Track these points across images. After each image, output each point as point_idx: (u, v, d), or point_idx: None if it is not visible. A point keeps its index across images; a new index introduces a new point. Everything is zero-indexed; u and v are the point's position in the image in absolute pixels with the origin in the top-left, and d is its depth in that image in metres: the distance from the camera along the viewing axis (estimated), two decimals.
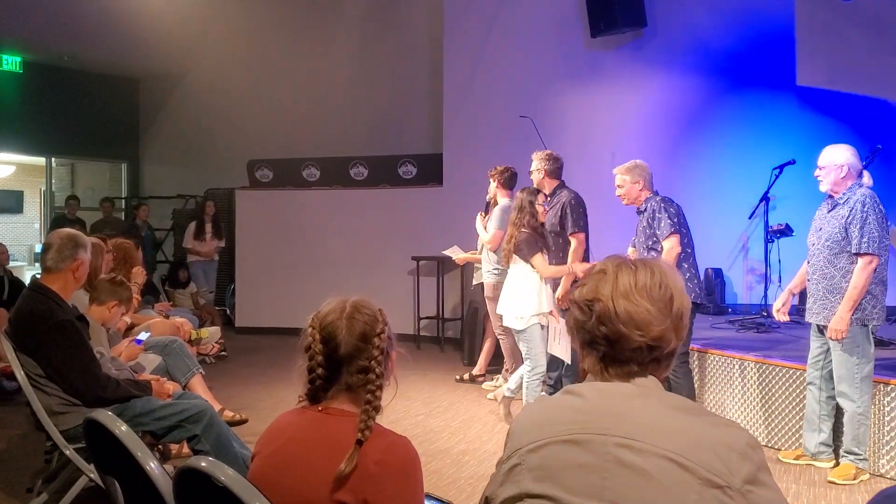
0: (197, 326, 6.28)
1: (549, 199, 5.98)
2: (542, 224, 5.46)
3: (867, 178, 4.73)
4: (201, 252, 9.94)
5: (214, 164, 11.89)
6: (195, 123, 12.21)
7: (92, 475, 3.35)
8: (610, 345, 1.48)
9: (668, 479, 1.34)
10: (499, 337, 6.71)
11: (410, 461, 1.78)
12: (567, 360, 5.45)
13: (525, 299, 5.34)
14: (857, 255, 4.30)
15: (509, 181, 6.65)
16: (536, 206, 5.36)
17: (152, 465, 1.89)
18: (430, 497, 2.14)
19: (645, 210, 5.13)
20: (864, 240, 4.28)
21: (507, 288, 5.49)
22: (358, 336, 1.83)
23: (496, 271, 6.59)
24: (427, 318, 9.28)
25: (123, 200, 13.24)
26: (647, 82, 8.52)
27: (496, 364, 7.26)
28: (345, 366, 1.83)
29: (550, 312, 5.36)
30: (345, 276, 9.41)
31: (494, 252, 6.57)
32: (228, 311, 10.59)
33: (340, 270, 9.56)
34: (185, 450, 4.21)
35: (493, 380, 6.99)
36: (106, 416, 2.08)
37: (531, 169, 6.21)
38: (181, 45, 11.18)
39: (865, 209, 4.31)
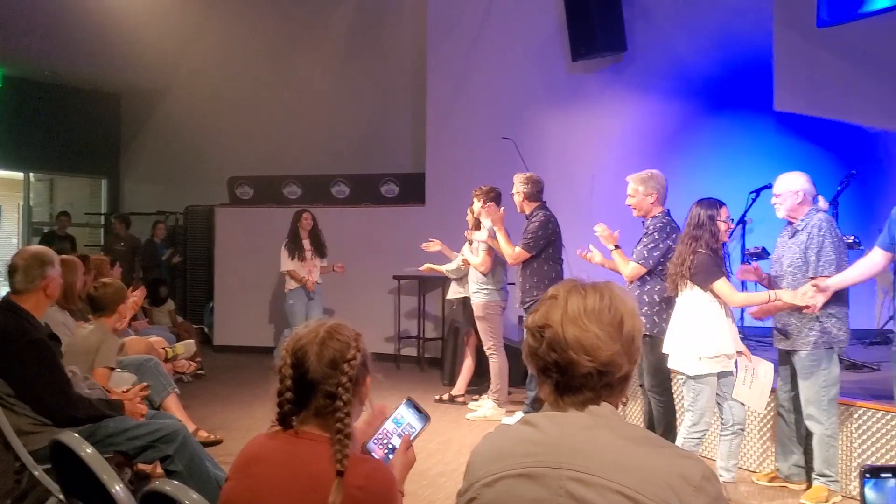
0: (174, 344, 6.23)
1: (528, 217, 6.15)
2: (724, 244, 4.51)
3: (822, 203, 4.81)
4: (299, 276, 8.10)
5: (195, 181, 11.84)
6: (176, 140, 12.17)
7: (61, 496, 3.30)
8: (561, 372, 1.48)
9: None
10: (489, 357, 6.69)
11: (391, 485, 1.82)
12: (760, 408, 4.58)
13: (703, 337, 4.31)
14: (814, 279, 4.35)
15: (494, 201, 6.70)
16: (718, 222, 4.39)
17: (118, 489, 1.88)
18: (409, 402, 2.16)
19: (647, 227, 5.04)
20: (821, 263, 4.35)
21: (678, 322, 4.46)
22: (327, 362, 1.83)
23: (485, 290, 6.62)
24: (407, 337, 9.26)
25: (102, 217, 13.16)
26: (627, 105, 8.61)
27: (478, 384, 7.25)
28: (314, 391, 1.83)
29: (739, 353, 4.40)
30: (325, 294, 9.38)
31: (485, 275, 6.61)
32: (207, 330, 10.51)
33: (323, 289, 9.52)
34: (159, 470, 4.17)
35: (477, 399, 6.98)
36: (72, 438, 2.07)
37: (512, 191, 6.33)
38: (163, 61, 11.18)
39: (822, 233, 4.38)
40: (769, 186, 7.00)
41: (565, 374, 1.47)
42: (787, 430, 4.67)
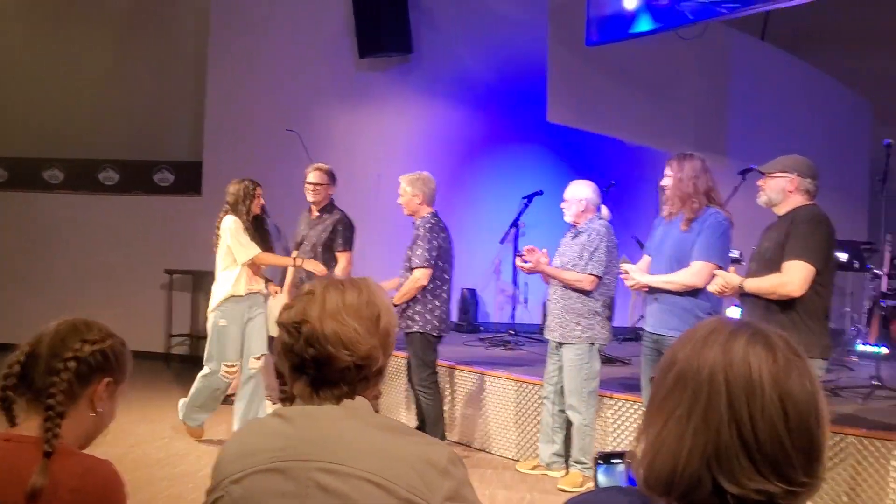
0: None
1: (320, 216, 5.83)
2: None
3: (605, 212, 5.26)
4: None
5: None
6: None
7: None
8: (318, 367, 1.47)
9: (368, 502, 1.36)
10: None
11: (111, 487, 1.65)
12: None
13: None
14: (582, 273, 4.77)
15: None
16: None
17: None
18: None
19: (416, 228, 5.20)
20: (591, 262, 4.76)
21: None
22: (45, 358, 1.69)
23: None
24: (180, 335, 8.84)
25: None
26: (412, 107, 8.78)
27: None
28: (33, 388, 1.68)
29: None
30: (89, 289, 8.73)
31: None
32: None
33: (84, 283, 8.85)
34: None
35: None
36: None
37: (313, 181, 5.71)
38: None
39: (599, 237, 4.79)
40: (540, 193, 7.48)
41: (323, 369, 1.47)
42: (549, 420, 4.98)
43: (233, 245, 5.33)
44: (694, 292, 4.04)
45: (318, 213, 5.77)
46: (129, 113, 9.99)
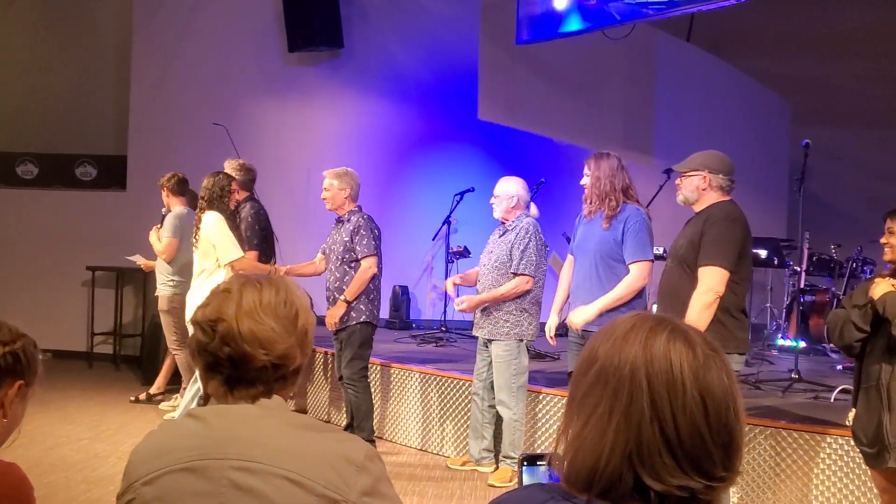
0: None
1: (235, 211, 5.76)
2: None
3: (534, 210, 5.33)
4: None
5: None
6: None
7: None
8: (234, 366, 1.45)
9: (285, 499, 1.35)
10: (174, 353, 6.36)
11: (20, 490, 1.60)
12: None
13: None
14: (515, 274, 4.80)
15: (178, 187, 6.34)
16: None
17: None
18: None
19: (347, 221, 5.18)
20: (523, 262, 4.78)
21: None
22: None
23: (172, 283, 6.26)
24: (102, 333, 8.57)
25: None
26: (343, 103, 8.71)
27: (176, 383, 6.89)
28: None
29: None
30: (7, 287, 8.37)
31: (169, 263, 6.24)
32: None
33: (2, 281, 8.49)
34: None
35: (171, 399, 6.62)
36: None
37: None
38: None
39: (528, 235, 4.82)
40: (471, 190, 7.51)
41: (238, 368, 1.45)
42: (479, 416, 5.00)
43: (220, 243, 4.93)
44: None
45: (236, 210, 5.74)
46: (49, 104, 9.64)
